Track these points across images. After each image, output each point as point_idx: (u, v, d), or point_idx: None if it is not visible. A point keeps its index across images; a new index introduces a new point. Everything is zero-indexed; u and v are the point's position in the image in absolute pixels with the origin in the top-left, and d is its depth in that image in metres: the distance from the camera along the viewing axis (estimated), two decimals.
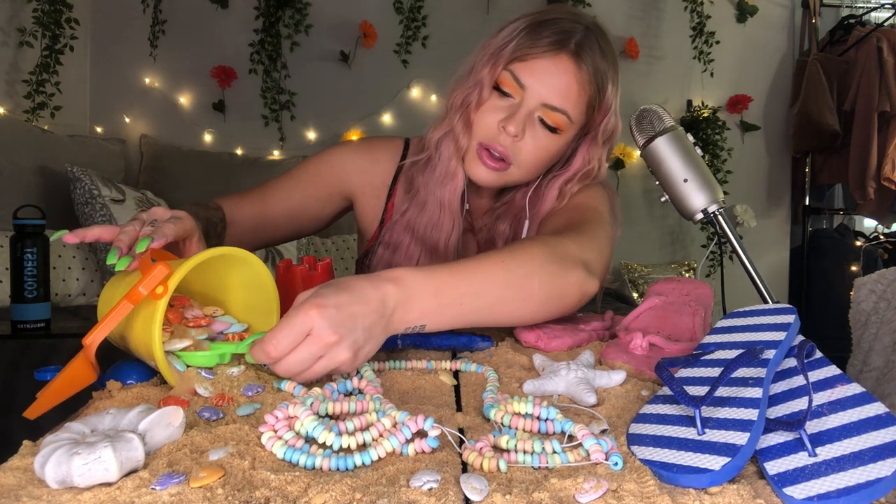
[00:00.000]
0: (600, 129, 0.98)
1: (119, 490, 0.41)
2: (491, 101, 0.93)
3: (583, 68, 0.92)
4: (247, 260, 0.66)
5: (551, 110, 0.92)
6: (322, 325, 0.55)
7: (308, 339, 0.55)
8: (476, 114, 0.94)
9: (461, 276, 0.68)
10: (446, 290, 0.66)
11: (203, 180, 2.68)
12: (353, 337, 0.57)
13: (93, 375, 0.58)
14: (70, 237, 0.67)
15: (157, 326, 0.56)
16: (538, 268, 0.74)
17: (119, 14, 2.87)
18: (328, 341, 0.55)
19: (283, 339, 0.55)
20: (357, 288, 0.59)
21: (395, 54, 3.03)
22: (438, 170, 1.00)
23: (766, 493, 0.42)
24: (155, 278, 0.58)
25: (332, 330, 0.55)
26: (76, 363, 0.57)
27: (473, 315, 0.70)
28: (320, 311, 0.55)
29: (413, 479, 0.42)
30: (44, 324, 1.45)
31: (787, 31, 3.35)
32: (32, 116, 2.38)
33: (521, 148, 0.93)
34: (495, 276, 0.71)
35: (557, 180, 1.01)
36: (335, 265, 2.68)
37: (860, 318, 1.44)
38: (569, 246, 0.81)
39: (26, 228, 1.42)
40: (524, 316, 0.77)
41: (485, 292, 0.70)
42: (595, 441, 0.47)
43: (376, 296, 0.60)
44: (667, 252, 3.35)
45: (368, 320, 0.59)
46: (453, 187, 0.99)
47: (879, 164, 2.94)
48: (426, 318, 0.65)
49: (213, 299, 0.74)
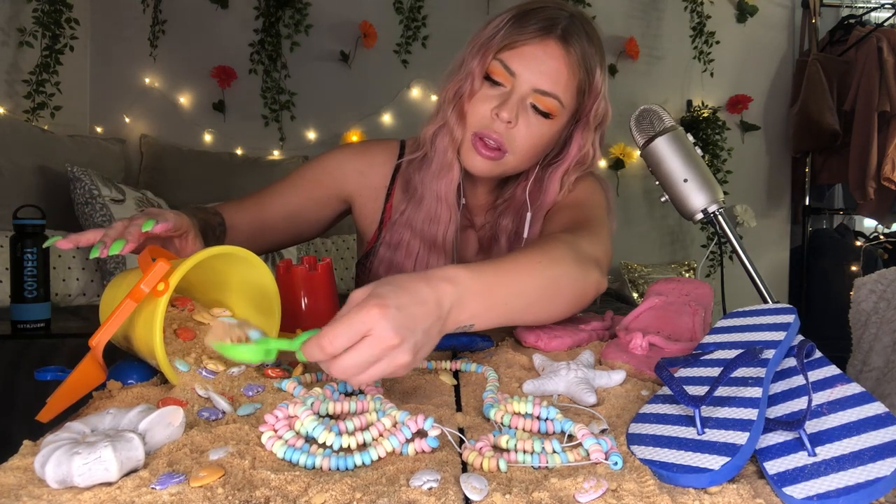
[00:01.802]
0: (591, 114, 0.98)
1: (119, 490, 0.41)
2: (483, 90, 0.94)
3: (571, 52, 0.92)
4: (248, 260, 0.66)
5: (542, 95, 0.92)
6: (385, 326, 0.52)
7: (368, 341, 0.52)
8: (469, 104, 0.95)
9: (506, 276, 0.69)
10: (494, 290, 0.66)
11: (203, 180, 2.68)
12: (413, 339, 0.55)
13: (101, 376, 0.59)
14: (63, 243, 0.67)
15: (159, 323, 0.56)
16: (567, 269, 0.76)
17: (119, 14, 2.87)
18: (391, 344, 0.52)
19: (340, 336, 0.52)
20: (416, 288, 0.58)
21: (395, 54, 3.03)
22: (434, 163, 1.00)
23: (765, 493, 0.42)
24: (156, 275, 0.58)
25: (394, 332, 0.52)
26: (85, 364, 0.57)
27: (513, 315, 0.71)
28: (383, 311, 0.52)
29: (413, 478, 0.42)
30: (44, 324, 1.45)
31: (787, 31, 3.35)
32: (32, 116, 2.38)
33: (516, 135, 0.94)
34: (534, 277, 0.72)
35: (557, 171, 1.02)
36: (335, 265, 2.68)
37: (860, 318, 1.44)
38: (585, 246, 0.83)
39: (26, 228, 1.42)
40: (552, 315, 0.78)
41: (525, 293, 0.71)
42: (595, 441, 0.47)
43: (434, 296, 0.59)
44: (667, 252, 3.35)
45: (428, 322, 0.57)
46: (449, 180, 1.00)
47: (879, 164, 2.93)
48: (476, 318, 0.65)
49: (213, 300, 0.74)
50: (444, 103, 0.98)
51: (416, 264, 1.05)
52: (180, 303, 0.71)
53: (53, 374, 0.58)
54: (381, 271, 1.09)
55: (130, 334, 0.63)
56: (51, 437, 0.45)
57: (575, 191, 1.04)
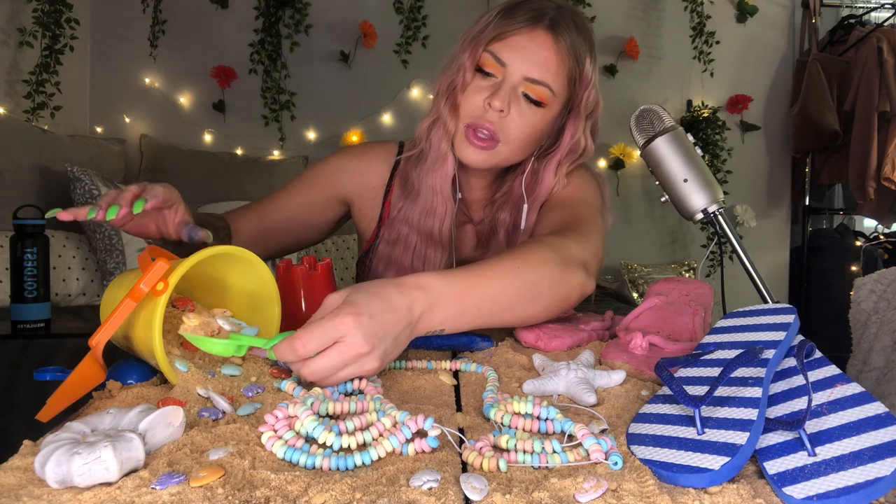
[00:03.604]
0: (583, 103, 1.00)
1: (119, 490, 0.41)
2: (475, 82, 0.96)
3: (560, 41, 0.94)
4: (248, 260, 0.66)
5: (533, 83, 0.94)
6: (356, 334, 0.55)
7: (339, 347, 0.55)
8: (462, 96, 0.96)
9: (480, 281, 0.70)
10: (466, 296, 0.68)
11: (203, 180, 2.68)
12: (383, 346, 0.58)
13: (101, 375, 0.59)
14: (64, 214, 0.70)
15: (158, 323, 0.56)
16: (547, 273, 0.77)
17: (119, 14, 2.87)
18: (361, 351, 0.56)
19: (312, 340, 0.55)
20: (387, 295, 0.60)
21: (395, 54, 3.03)
22: (429, 157, 1.02)
23: (765, 493, 0.42)
24: (156, 274, 0.58)
25: (365, 340, 0.56)
26: (85, 364, 0.57)
27: (487, 318, 0.72)
28: (356, 319, 0.55)
29: (413, 478, 0.42)
30: (44, 324, 1.45)
31: (787, 31, 3.35)
32: (32, 116, 2.38)
33: (509, 124, 0.95)
34: (510, 282, 0.73)
35: (551, 162, 1.03)
36: (335, 265, 2.68)
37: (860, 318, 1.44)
38: (571, 248, 0.84)
39: (26, 228, 1.42)
40: (530, 318, 0.79)
41: (500, 297, 0.72)
42: (595, 441, 0.47)
43: (405, 304, 0.61)
44: (667, 252, 3.35)
45: (398, 329, 0.60)
46: (444, 173, 1.01)
47: (879, 164, 2.93)
48: (446, 323, 0.67)
49: (215, 301, 0.74)
50: (438, 97, 0.99)
51: (414, 258, 1.06)
52: (181, 303, 0.71)
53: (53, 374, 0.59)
54: (381, 268, 1.10)
55: (130, 334, 0.63)
56: (51, 437, 0.45)
57: (569, 186, 1.05)
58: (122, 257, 2.07)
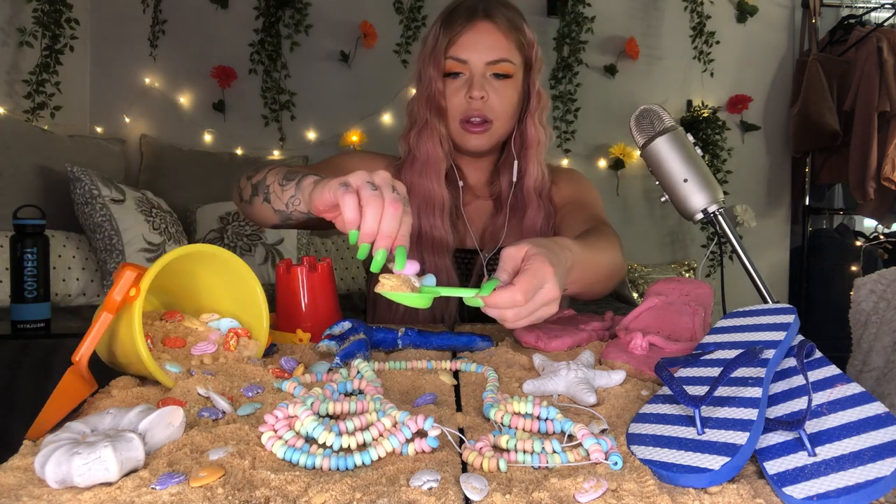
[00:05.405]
0: (535, 59, 1.15)
1: (119, 490, 0.41)
2: (449, 87, 1.10)
3: (498, 22, 1.09)
4: (218, 255, 0.66)
5: (495, 64, 1.08)
6: (554, 281, 0.64)
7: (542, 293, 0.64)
8: (444, 101, 1.10)
9: (596, 254, 0.84)
10: (589, 264, 0.81)
11: (203, 180, 2.68)
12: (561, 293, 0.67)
13: (87, 389, 0.59)
14: None
15: (137, 324, 0.57)
16: (619, 256, 0.94)
17: (119, 14, 2.87)
18: (555, 296, 0.65)
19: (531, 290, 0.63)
20: (558, 250, 0.70)
21: (395, 54, 3.03)
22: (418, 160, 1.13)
23: (765, 493, 0.42)
24: (126, 282, 0.58)
25: (558, 287, 0.65)
26: (67, 379, 0.57)
27: (589, 287, 0.86)
28: (553, 270, 0.64)
29: (413, 478, 0.42)
30: (44, 324, 1.45)
31: (787, 31, 3.35)
32: (32, 116, 2.38)
33: (493, 104, 1.09)
34: (607, 258, 0.88)
35: (531, 117, 1.16)
36: (335, 265, 2.68)
37: (860, 318, 1.43)
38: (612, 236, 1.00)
39: (26, 228, 1.42)
40: (603, 292, 0.94)
41: (601, 270, 0.87)
42: (595, 441, 0.47)
43: (566, 260, 0.72)
44: (667, 252, 3.34)
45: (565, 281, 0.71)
46: (436, 169, 1.12)
47: (879, 164, 2.93)
48: (572, 285, 0.78)
49: (203, 306, 0.74)
50: (419, 111, 1.13)
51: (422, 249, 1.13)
52: (169, 317, 0.71)
53: None
54: None
55: (115, 348, 0.63)
56: (51, 437, 0.45)
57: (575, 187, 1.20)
58: (122, 257, 2.07)
